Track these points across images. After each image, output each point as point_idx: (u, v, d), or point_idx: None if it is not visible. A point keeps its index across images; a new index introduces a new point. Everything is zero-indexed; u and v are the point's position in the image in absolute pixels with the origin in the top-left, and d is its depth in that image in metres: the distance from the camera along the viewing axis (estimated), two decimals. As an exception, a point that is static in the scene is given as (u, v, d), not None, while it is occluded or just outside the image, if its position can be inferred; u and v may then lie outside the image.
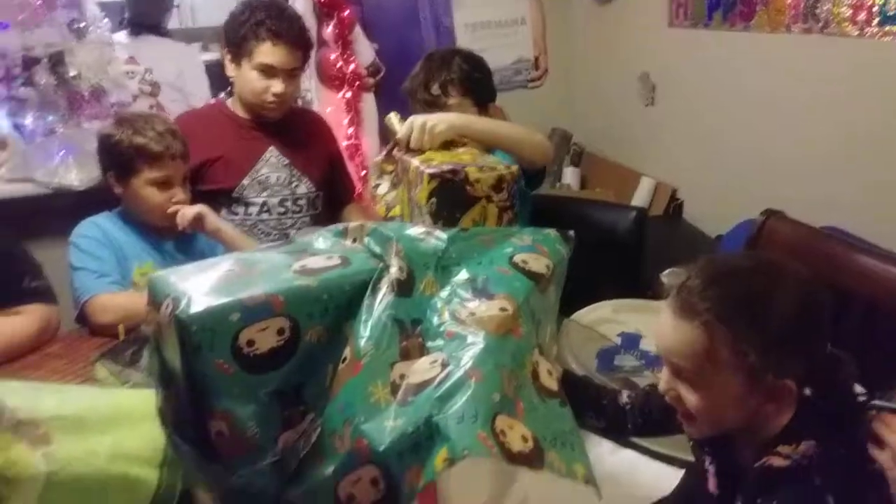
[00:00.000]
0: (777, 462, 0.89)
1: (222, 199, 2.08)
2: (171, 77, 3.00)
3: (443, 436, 0.77)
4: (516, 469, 0.84)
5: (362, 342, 0.85)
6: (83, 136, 2.54)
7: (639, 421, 1.16)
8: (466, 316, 0.91)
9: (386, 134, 1.71)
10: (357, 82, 3.08)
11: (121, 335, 1.43)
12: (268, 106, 2.05)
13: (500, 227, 1.37)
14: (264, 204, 2.12)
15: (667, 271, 1.93)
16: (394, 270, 0.91)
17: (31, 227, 2.38)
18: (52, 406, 1.00)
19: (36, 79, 2.55)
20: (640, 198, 3.30)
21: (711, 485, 1.03)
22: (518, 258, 1.01)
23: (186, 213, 1.79)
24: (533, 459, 0.80)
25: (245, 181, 2.09)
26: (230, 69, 2.07)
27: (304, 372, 0.83)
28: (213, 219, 1.85)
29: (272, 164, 2.13)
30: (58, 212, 2.01)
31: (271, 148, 2.13)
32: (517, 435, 0.81)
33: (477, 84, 1.96)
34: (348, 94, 3.07)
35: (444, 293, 0.95)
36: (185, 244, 1.90)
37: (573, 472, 0.84)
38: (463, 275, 0.97)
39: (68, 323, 1.81)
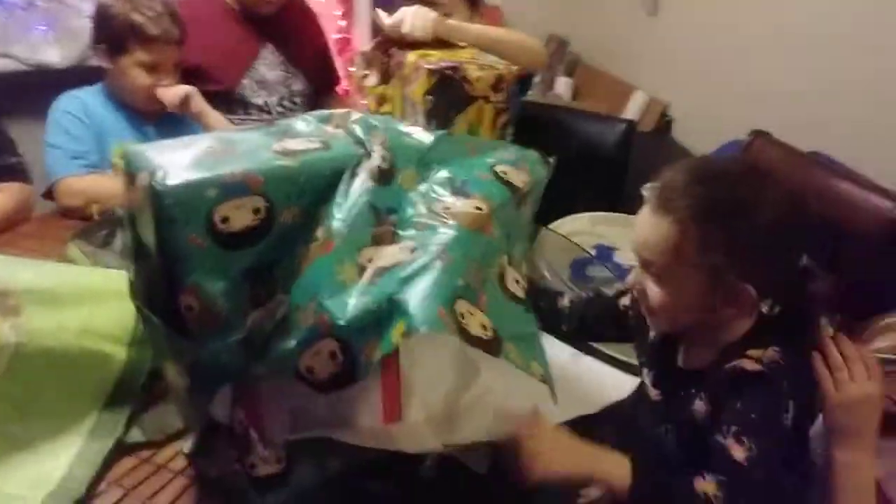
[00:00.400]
0: (749, 366, 0.92)
1: (221, 100, 2.00)
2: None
3: (402, 311, 0.79)
4: (478, 360, 0.86)
5: (335, 223, 0.86)
6: (66, 11, 2.46)
7: (574, 324, 1.19)
8: (441, 209, 0.92)
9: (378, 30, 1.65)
10: (351, -27, 2.98)
11: (94, 216, 1.43)
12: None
13: (494, 130, 1.36)
14: (265, 104, 2.08)
15: (649, 185, 1.93)
16: (375, 157, 0.92)
17: (6, 104, 2.34)
18: (26, 279, 1.00)
19: (13, -56, 2.44)
20: (630, 112, 3.26)
21: (652, 392, 1.07)
22: (499, 168, 1.01)
23: (176, 91, 1.75)
24: (491, 347, 0.82)
25: (244, 80, 2.04)
26: None
27: (276, 252, 0.84)
28: (200, 101, 1.81)
29: (269, 63, 2.08)
30: (36, 89, 1.95)
31: (268, 45, 2.08)
32: (477, 322, 0.82)
33: None
34: (342, -15, 2.98)
35: (422, 188, 0.95)
36: (166, 129, 1.86)
37: (530, 368, 0.86)
38: (443, 174, 0.98)
39: (41, 203, 1.80)
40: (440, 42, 1.53)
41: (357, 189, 0.89)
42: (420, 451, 0.88)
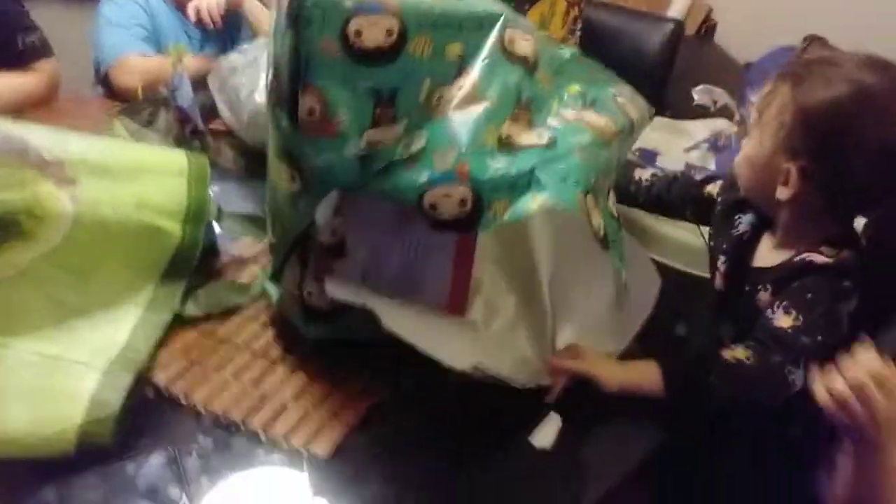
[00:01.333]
0: (818, 259, 0.92)
1: None
2: None
3: (542, 186, 0.84)
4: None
5: (485, 84, 0.87)
6: None
7: (651, 200, 1.20)
8: (574, 116, 0.95)
9: None
10: None
11: (139, 96, 1.40)
12: None
13: (564, 24, 1.32)
14: None
15: (700, 87, 1.88)
16: (525, 45, 0.93)
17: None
18: (79, 150, 0.99)
19: None
20: (673, 13, 3.13)
21: (718, 282, 1.07)
22: (619, 98, 1.03)
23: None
24: (603, 243, 0.88)
25: None
26: None
27: (402, 80, 0.85)
28: None
29: None
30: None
31: None
32: (596, 218, 0.87)
33: None
34: None
35: (557, 93, 0.98)
36: (209, 36, 1.85)
37: (621, 272, 0.93)
38: (576, 87, 1.00)
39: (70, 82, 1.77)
40: None
41: (506, 64, 0.90)
42: (450, 364, 0.89)
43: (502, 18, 0.90)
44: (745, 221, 1.05)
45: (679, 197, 1.18)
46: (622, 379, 0.95)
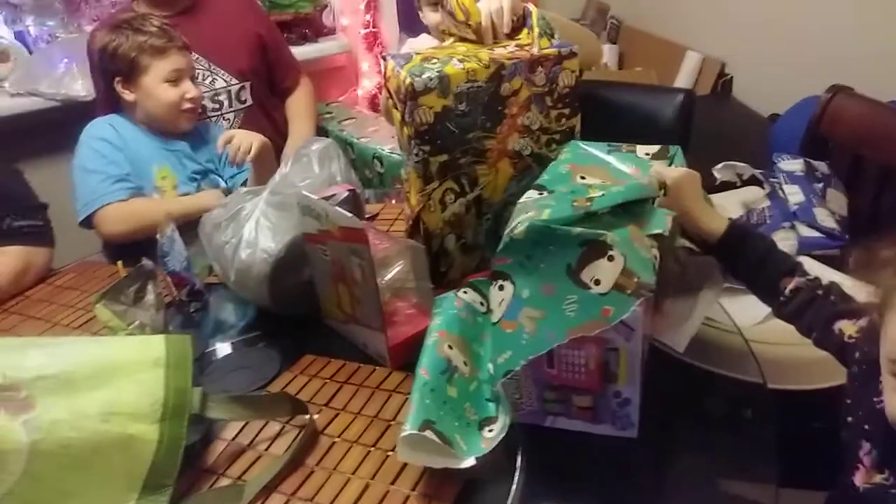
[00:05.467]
0: None
1: None
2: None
3: None
4: None
5: None
6: (85, 42, 2.39)
7: (792, 311, 1.01)
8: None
9: (409, 18, 1.49)
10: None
11: (121, 272, 1.33)
12: None
13: None
14: None
15: (720, 165, 1.76)
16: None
17: (37, 143, 2.29)
18: (36, 365, 0.89)
19: (26, -20, 2.39)
20: (685, 75, 3.04)
21: (859, 477, 0.87)
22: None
23: (250, 139, 1.64)
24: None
25: None
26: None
27: None
28: (268, 152, 1.71)
29: None
30: (65, 125, 1.90)
31: None
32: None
33: None
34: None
35: None
36: (196, 145, 1.84)
37: None
38: None
39: (82, 249, 1.74)
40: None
41: None
42: None
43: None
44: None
45: (820, 319, 0.98)
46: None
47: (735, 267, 1.07)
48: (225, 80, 2.05)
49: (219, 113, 2.07)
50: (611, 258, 0.87)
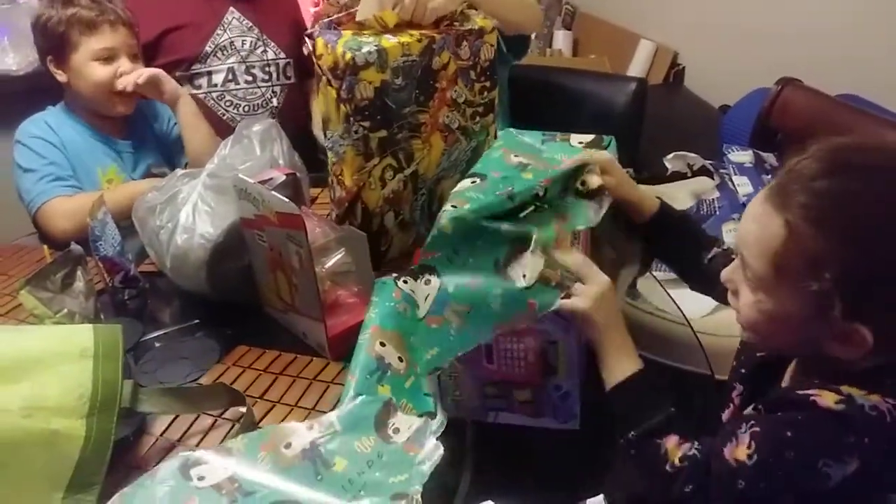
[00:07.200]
0: (824, 402, 0.70)
1: (183, 72, 1.89)
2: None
3: None
4: None
5: None
6: (19, 13, 2.28)
7: (711, 278, 0.97)
8: None
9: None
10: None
11: (47, 257, 1.26)
12: None
13: None
14: (230, 71, 1.91)
15: (671, 155, 1.75)
16: None
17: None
18: (-49, 359, 0.85)
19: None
20: (638, 63, 3.04)
21: (727, 415, 0.90)
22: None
23: (139, 72, 1.60)
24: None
25: (207, 48, 1.88)
26: None
27: None
28: (171, 83, 1.66)
29: (235, 27, 1.92)
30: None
31: (231, 9, 1.92)
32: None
33: None
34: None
35: None
36: (138, 142, 1.75)
37: None
38: None
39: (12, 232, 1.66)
40: None
41: None
42: None
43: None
44: None
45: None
46: (604, 339, 0.87)
47: (665, 242, 1.08)
48: (275, 53, 1.98)
49: (268, 84, 1.99)
50: (535, 252, 0.88)
